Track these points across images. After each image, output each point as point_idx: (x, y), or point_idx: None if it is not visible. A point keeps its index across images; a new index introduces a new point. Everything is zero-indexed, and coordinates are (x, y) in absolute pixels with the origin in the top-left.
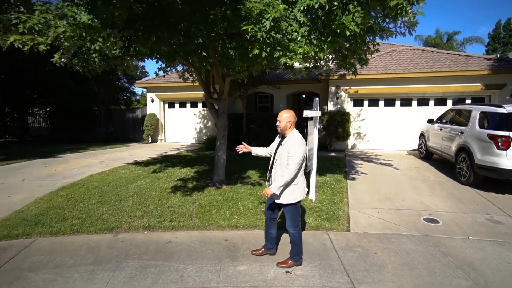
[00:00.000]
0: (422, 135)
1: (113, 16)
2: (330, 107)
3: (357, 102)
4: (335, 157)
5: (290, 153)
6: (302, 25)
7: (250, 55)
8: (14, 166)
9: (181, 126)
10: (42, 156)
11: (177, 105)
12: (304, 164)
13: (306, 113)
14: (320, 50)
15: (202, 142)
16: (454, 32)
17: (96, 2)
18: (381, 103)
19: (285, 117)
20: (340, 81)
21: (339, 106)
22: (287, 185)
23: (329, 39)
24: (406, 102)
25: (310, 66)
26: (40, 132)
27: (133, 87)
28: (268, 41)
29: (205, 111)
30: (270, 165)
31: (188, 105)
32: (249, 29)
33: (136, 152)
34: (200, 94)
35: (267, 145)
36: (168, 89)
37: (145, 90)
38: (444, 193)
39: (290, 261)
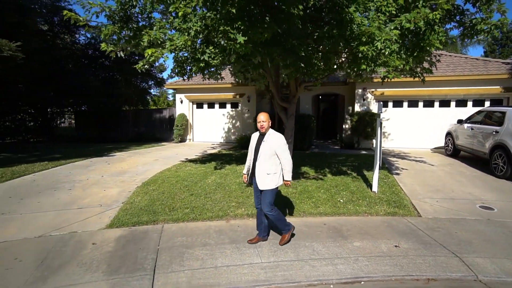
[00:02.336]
0: (449, 134)
1: (262, 37)
2: (357, 108)
3: (382, 103)
4: (367, 154)
5: (281, 147)
6: (394, 42)
7: (355, 69)
8: (79, 164)
9: (209, 126)
10: (95, 155)
11: (205, 106)
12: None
13: (383, 115)
14: (407, 63)
15: (232, 141)
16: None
17: (249, 27)
18: (405, 104)
19: (267, 118)
20: (366, 83)
21: (365, 107)
22: (271, 171)
23: (415, 54)
24: (428, 103)
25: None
26: (64, 132)
27: (151, 88)
28: (375, 58)
29: (234, 112)
30: (252, 162)
31: (217, 106)
32: (364, 49)
33: (178, 151)
34: (229, 95)
35: (299, 141)
36: (197, 91)
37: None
38: (486, 185)
39: (286, 235)
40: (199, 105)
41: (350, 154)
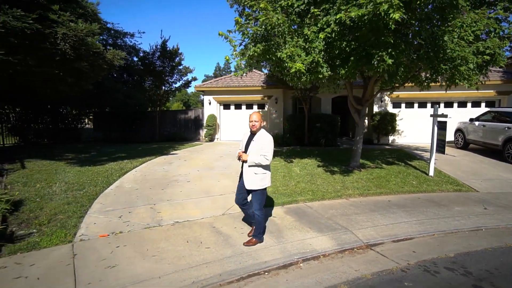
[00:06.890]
0: (459, 130)
1: (401, 59)
2: (376, 109)
3: (396, 105)
4: (392, 149)
5: (265, 149)
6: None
7: (442, 81)
8: (158, 161)
9: (236, 126)
10: (158, 154)
11: (232, 107)
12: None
13: (441, 119)
14: (478, 77)
15: None
16: None
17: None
18: (416, 105)
19: (259, 118)
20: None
21: (383, 108)
22: (259, 171)
23: (483, 71)
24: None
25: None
26: (84, 133)
27: (177, 90)
28: (464, 74)
29: (261, 113)
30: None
31: (244, 107)
32: (463, 69)
33: (225, 148)
34: (257, 97)
35: (330, 139)
36: (225, 93)
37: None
38: (506, 170)
39: (254, 239)
40: (226, 106)
41: (378, 148)
